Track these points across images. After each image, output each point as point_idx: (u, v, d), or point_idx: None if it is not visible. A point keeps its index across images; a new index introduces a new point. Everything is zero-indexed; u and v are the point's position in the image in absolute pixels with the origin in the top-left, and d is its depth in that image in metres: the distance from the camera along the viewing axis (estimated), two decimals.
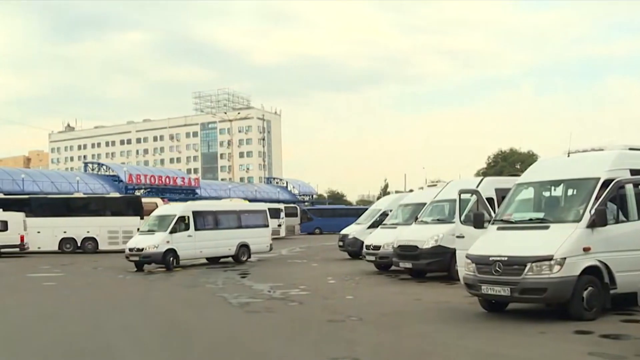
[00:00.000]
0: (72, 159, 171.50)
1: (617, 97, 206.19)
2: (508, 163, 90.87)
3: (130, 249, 27.15)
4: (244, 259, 30.36)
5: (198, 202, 36.65)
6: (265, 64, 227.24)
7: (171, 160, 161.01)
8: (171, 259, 27.03)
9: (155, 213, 30.15)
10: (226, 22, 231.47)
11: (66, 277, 24.59)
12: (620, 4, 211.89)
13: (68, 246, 39.77)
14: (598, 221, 11.93)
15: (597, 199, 12.21)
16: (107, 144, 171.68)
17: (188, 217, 28.21)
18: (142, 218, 37.23)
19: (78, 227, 39.63)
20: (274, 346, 10.76)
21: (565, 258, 11.64)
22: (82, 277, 24.71)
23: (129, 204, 41.39)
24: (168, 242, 27.12)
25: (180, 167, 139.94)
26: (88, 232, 39.62)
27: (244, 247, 30.41)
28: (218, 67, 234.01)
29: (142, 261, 26.86)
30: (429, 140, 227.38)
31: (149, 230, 28.08)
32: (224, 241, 29.60)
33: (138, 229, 32.02)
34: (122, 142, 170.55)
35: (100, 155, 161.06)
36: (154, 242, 26.77)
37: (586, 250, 11.89)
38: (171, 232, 27.24)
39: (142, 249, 26.66)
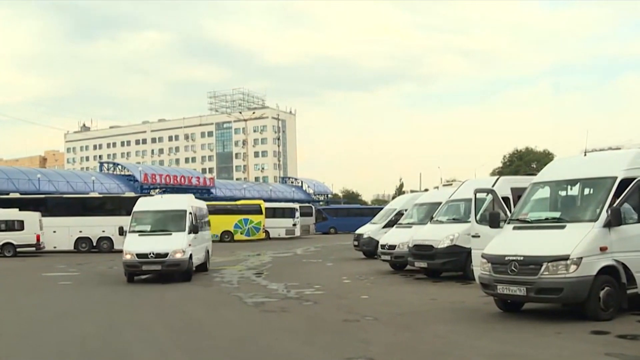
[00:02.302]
0: (87, 158, 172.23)
1: (635, 95, 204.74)
2: (524, 162, 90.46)
3: (141, 255, 21.24)
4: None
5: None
6: (280, 64, 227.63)
7: (186, 160, 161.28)
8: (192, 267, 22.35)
9: (151, 207, 23.85)
10: (241, 22, 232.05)
11: (82, 277, 24.66)
12: (633, 4, 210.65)
13: (84, 245, 39.96)
14: (614, 221, 11.86)
15: (614, 198, 12.14)
16: (122, 143, 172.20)
17: (192, 214, 23.12)
18: None
19: (93, 226, 39.81)
20: (288, 346, 10.75)
21: (581, 258, 11.57)
22: (97, 276, 24.79)
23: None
24: (190, 245, 22.03)
25: (195, 167, 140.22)
26: (103, 231, 39.73)
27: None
28: (233, 66, 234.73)
29: (166, 271, 21.41)
30: (445, 139, 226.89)
31: (159, 230, 22.38)
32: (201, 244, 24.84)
33: (122, 229, 29.16)
34: (137, 142, 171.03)
35: (116, 155, 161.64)
36: (180, 245, 21.50)
37: (603, 249, 11.82)
38: (189, 233, 22.23)
39: (165, 255, 21.17)
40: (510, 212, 14.86)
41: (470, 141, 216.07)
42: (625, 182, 12.24)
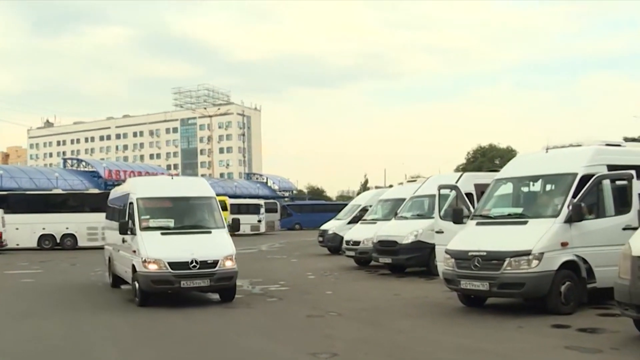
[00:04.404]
0: (50, 155, 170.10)
1: (594, 94, 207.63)
2: (487, 159, 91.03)
3: (179, 265, 14.40)
4: None
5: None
6: (245, 60, 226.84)
7: (151, 156, 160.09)
8: None
9: (167, 193, 16.73)
10: (207, 18, 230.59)
11: (44, 274, 24.36)
12: (600, 2, 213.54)
13: (47, 243, 39.40)
14: (575, 216, 12.03)
15: (574, 194, 12.31)
16: (86, 139, 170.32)
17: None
18: None
19: (57, 223, 39.27)
20: (253, 342, 10.75)
21: (543, 253, 11.72)
22: (60, 274, 24.49)
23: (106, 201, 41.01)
24: None
25: (160, 163, 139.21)
26: (67, 228, 39.29)
27: None
28: (198, 62, 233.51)
29: (215, 288, 15.22)
30: (409, 135, 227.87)
31: (190, 227, 15.89)
32: None
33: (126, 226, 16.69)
34: (101, 138, 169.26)
35: (80, 151, 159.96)
36: (229, 249, 15.19)
37: (564, 245, 11.98)
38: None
39: (215, 264, 14.65)
40: (473, 208, 14.99)
41: (434, 137, 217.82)
42: (585, 179, 12.41)
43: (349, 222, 29.10)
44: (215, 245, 15.15)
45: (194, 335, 11.33)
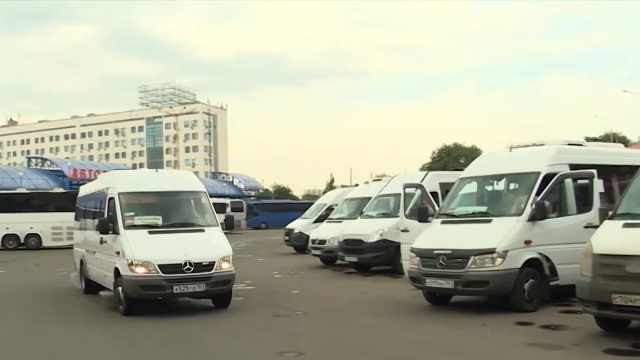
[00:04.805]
0: (14, 153, 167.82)
1: (557, 93, 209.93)
2: (452, 158, 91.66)
3: (171, 268, 12.99)
4: None
5: None
6: (212, 58, 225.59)
7: (116, 155, 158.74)
8: None
9: (151, 187, 15.12)
10: (173, 16, 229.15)
11: (8, 275, 24.08)
12: (560, 4, 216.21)
13: (11, 243, 38.86)
14: (538, 215, 12.18)
15: (537, 193, 12.46)
16: (51, 138, 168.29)
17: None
18: None
19: (21, 223, 38.75)
20: (219, 341, 10.73)
21: (507, 251, 11.85)
22: (24, 274, 24.23)
23: (72, 200, 40.47)
24: None
25: (125, 162, 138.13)
26: (31, 228, 38.80)
27: None
28: (164, 61, 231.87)
29: (211, 294, 13.71)
30: (375, 134, 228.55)
31: (180, 225, 14.38)
32: None
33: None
34: (66, 137, 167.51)
35: (44, 150, 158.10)
36: (225, 249, 13.89)
37: (527, 243, 12.12)
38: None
39: (211, 266, 13.30)
40: (438, 206, 15.10)
41: (400, 136, 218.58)
42: (548, 177, 12.56)
43: (315, 221, 29.11)
44: (210, 245, 13.75)
45: (160, 335, 11.28)
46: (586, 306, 9.61)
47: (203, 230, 14.20)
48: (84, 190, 19.65)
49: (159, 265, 12.85)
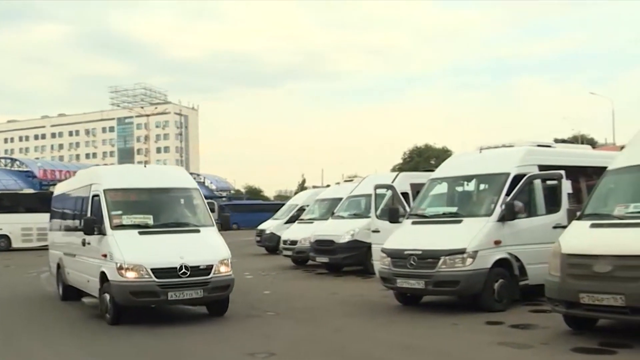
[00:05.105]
0: None
1: (526, 95, 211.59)
2: (423, 158, 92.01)
3: (165, 272, 11.87)
4: None
5: None
6: (184, 59, 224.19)
7: (87, 156, 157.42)
8: None
9: (140, 183, 13.93)
10: (145, 16, 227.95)
11: None
12: (529, 7, 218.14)
13: None
14: (508, 215, 12.30)
15: (507, 193, 12.57)
16: (20, 138, 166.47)
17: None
18: None
19: None
20: (190, 341, 10.68)
21: (477, 251, 11.95)
22: None
23: (43, 201, 40.12)
24: None
25: (96, 163, 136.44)
26: (1, 229, 38.39)
27: None
28: (135, 61, 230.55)
29: (209, 300, 12.65)
30: (347, 135, 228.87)
31: (173, 225, 13.34)
32: None
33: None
34: (36, 137, 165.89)
35: (14, 151, 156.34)
36: (223, 251, 12.87)
37: (497, 243, 12.23)
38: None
39: (209, 270, 12.20)
40: (409, 207, 15.18)
41: (372, 137, 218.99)
42: (517, 178, 12.68)
43: (287, 222, 29.09)
44: (206, 247, 12.72)
45: (132, 336, 11.20)
46: (555, 305, 9.73)
47: (198, 231, 13.15)
48: (60, 189, 18.25)
49: (152, 270, 11.72)
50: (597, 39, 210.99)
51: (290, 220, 28.50)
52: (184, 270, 11.78)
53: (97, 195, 13.21)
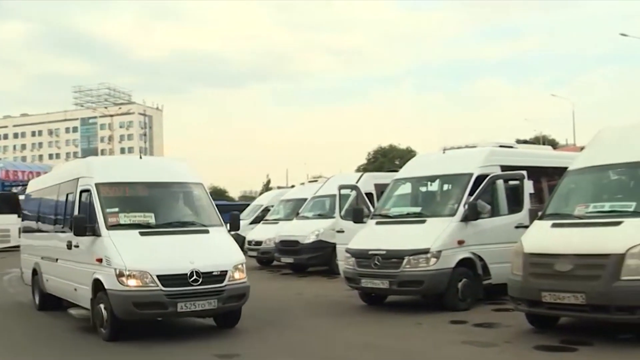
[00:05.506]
0: None
1: (489, 96, 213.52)
2: (387, 159, 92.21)
3: (174, 280, 10.32)
4: None
5: None
6: (148, 59, 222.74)
7: (50, 156, 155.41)
8: None
9: (137, 177, 12.16)
10: (109, 15, 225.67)
11: None
12: (492, 11, 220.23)
13: None
14: (471, 215, 12.40)
15: (470, 193, 12.68)
16: None
17: None
18: (19, 216, 35.39)
19: None
20: (156, 343, 10.60)
21: (440, 251, 12.04)
22: None
23: (5, 202, 39.60)
24: None
25: (59, 163, 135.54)
26: None
27: None
28: (99, 61, 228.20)
29: (222, 310, 11.13)
30: (312, 136, 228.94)
31: (177, 224, 11.68)
32: None
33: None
34: None
35: None
36: (237, 255, 11.64)
37: (460, 243, 12.34)
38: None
39: (222, 276, 10.83)
40: (373, 207, 15.25)
41: (336, 138, 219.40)
42: (480, 178, 12.80)
43: (251, 222, 28.93)
44: (219, 250, 11.27)
45: (97, 339, 11.10)
46: (517, 304, 9.84)
47: (207, 231, 11.60)
48: (34, 186, 16.52)
49: (158, 277, 10.13)
50: (558, 41, 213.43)
51: (255, 221, 28.38)
52: (195, 277, 10.26)
53: (88, 191, 11.52)
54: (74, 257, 11.82)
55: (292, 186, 34.56)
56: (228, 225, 12.31)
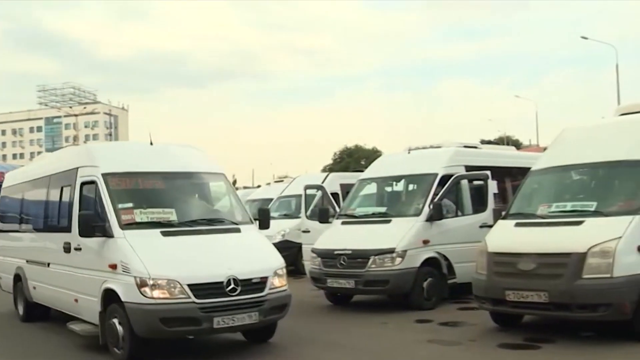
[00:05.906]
0: None
1: (454, 97, 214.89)
2: (353, 159, 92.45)
3: (208, 290, 8.58)
4: None
5: None
6: (114, 58, 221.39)
7: (14, 156, 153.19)
8: None
9: (152, 166, 10.21)
10: (74, 14, 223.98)
11: None
12: (457, 12, 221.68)
13: None
14: (435, 215, 12.48)
15: (435, 193, 12.76)
16: None
17: None
18: None
19: None
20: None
21: (406, 251, 12.11)
22: None
23: None
24: None
25: (23, 163, 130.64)
26: None
27: None
28: (64, 59, 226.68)
29: (264, 324, 9.44)
30: (278, 136, 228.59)
31: (204, 221, 9.84)
32: None
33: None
34: None
35: None
36: (276, 259, 10.17)
37: (425, 242, 12.41)
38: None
39: (262, 284, 9.22)
40: (339, 207, 15.28)
41: (302, 138, 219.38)
42: (445, 178, 12.89)
43: None
44: (257, 253, 9.78)
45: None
46: (482, 303, 9.93)
47: (239, 230, 9.92)
48: (14, 179, 14.43)
49: (190, 286, 8.44)
50: (521, 43, 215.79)
51: None
52: (233, 285, 8.65)
53: (91, 183, 9.76)
54: (73, 262, 10.15)
55: (258, 186, 34.50)
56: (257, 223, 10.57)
